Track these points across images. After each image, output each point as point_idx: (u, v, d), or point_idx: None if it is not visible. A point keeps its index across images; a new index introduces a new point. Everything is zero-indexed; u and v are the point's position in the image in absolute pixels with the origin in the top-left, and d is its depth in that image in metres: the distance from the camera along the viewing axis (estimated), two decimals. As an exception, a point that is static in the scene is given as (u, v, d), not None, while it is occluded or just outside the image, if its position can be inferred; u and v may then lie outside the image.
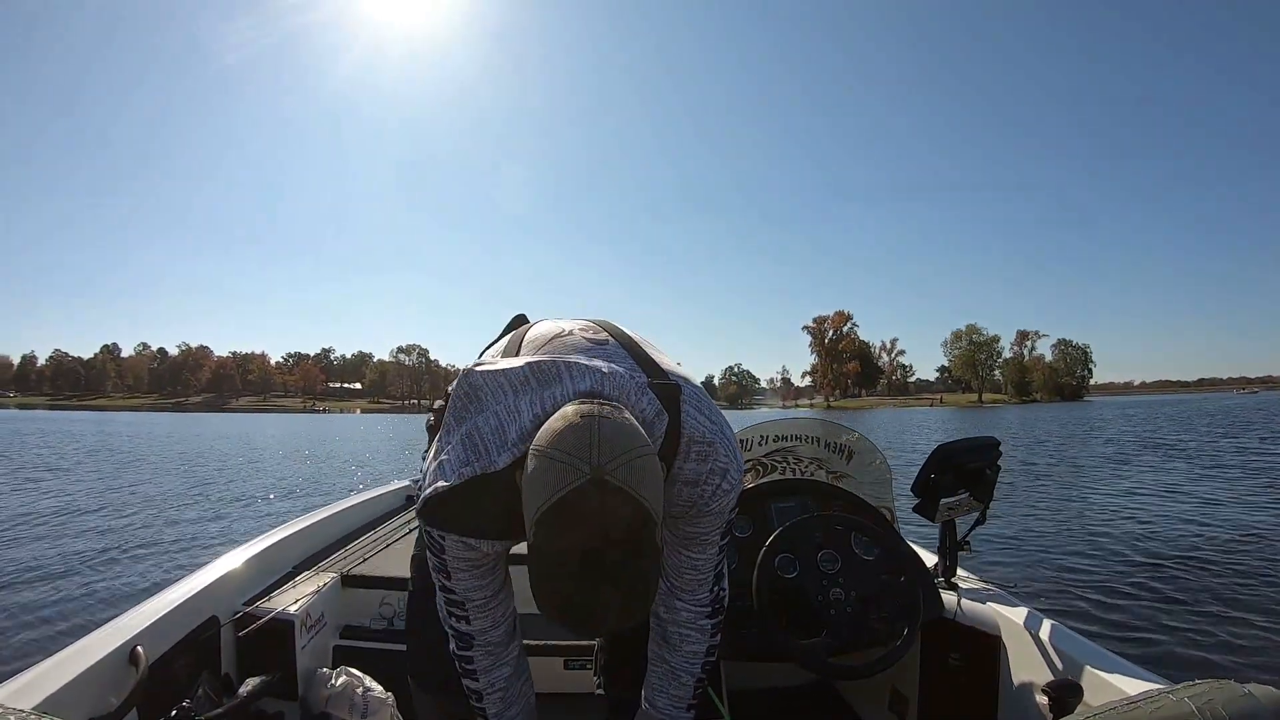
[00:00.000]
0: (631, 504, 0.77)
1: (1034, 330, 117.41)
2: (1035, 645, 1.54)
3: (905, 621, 1.58)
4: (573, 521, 0.77)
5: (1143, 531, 6.72)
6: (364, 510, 2.97)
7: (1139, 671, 1.34)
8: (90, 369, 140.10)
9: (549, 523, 0.78)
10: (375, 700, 1.77)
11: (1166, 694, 0.77)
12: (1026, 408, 74.79)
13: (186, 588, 1.74)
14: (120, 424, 43.40)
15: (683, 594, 1.15)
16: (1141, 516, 7.50)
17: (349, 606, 2.13)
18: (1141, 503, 8.48)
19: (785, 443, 2.10)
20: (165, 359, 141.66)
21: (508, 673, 1.17)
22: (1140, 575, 5.14)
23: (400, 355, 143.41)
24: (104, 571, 5.65)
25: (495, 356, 1.12)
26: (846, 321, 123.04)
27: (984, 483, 1.83)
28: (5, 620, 4.28)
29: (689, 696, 1.20)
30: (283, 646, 1.81)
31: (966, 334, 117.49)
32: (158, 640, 1.52)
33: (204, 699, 1.56)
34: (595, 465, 0.78)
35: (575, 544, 0.77)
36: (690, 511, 1.07)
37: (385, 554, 2.34)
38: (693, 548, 1.11)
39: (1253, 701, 0.73)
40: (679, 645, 1.18)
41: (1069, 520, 7.44)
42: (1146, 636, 3.93)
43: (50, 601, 4.70)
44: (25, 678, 1.25)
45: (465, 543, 1.02)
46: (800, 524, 1.70)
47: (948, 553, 1.87)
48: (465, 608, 1.10)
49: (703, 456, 1.02)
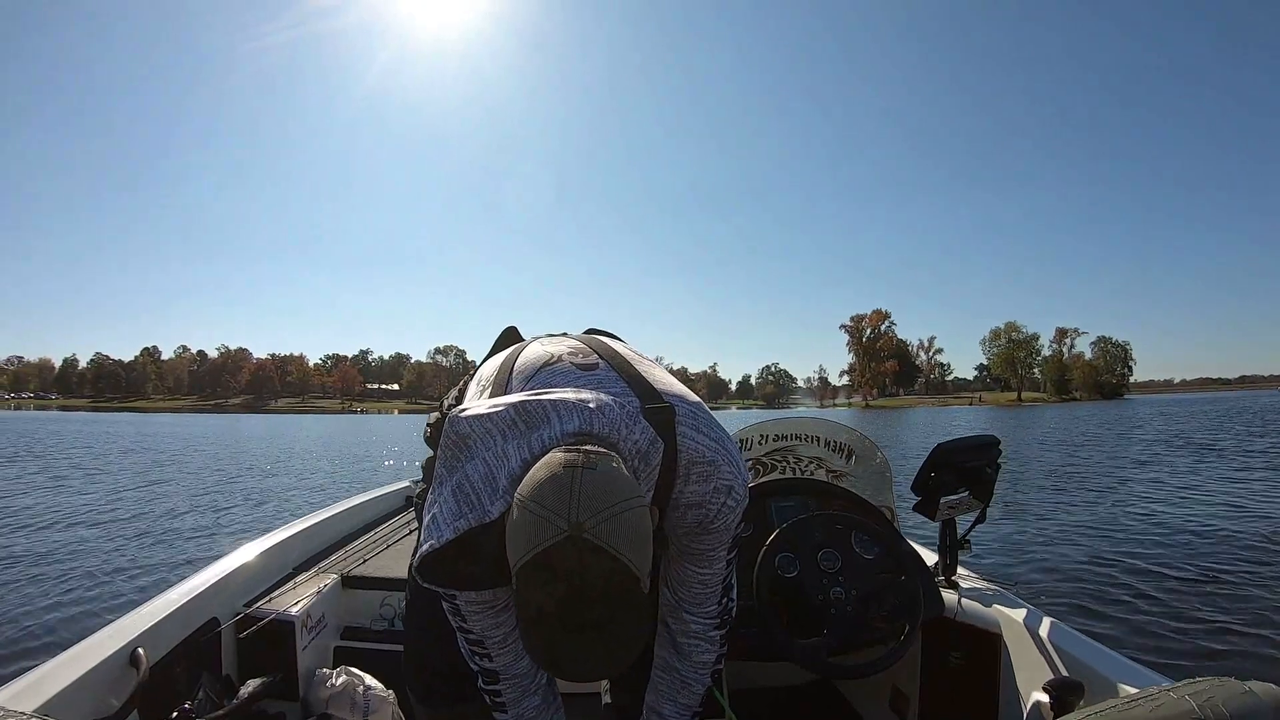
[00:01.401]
0: (610, 562, 0.75)
1: (1073, 327, 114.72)
2: (1036, 643, 1.54)
3: (906, 620, 1.58)
4: (550, 577, 0.75)
5: (1147, 530, 6.72)
6: (364, 511, 2.96)
7: (1139, 669, 1.35)
8: (131, 371, 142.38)
9: (527, 576, 0.77)
10: (377, 698, 1.77)
11: (1167, 691, 0.77)
12: (1065, 406, 73.49)
13: (187, 589, 1.74)
14: (160, 425, 43.96)
15: (691, 607, 1.14)
16: (1150, 516, 7.46)
17: (350, 607, 2.13)
18: (1153, 502, 8.40)
19: (785, 442, 2.10)
20: (205, 361, 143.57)
21: (537, 702, 1.15)
22: (1141, 573, 5.14)
23: (437, 356, 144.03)
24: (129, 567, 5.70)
25: (486, 383, 1.09)
26: (884, 320, 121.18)
27: (984, 481, 1.84)
28: (5, 622, 4.28)
29: (696, 705, 1.20)
30: (284, 647, 1.81)
31: (1005, 332, 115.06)
32: (159, 642, 1.52)
33: (205, 700, 1.57)
34: (574, 522, 0.75)
35: (552, 598, 0.75)
36: (696, 529, 1.05)
37: (386, 555, 2.34)
38: (699, 563, 1.09)
39: (1253, 699, 0.73)
40: (690, 655, 1.17)
41: (1076, 519, 7.43)
42: (1147, 634, 3.93)
43: (55, 603, 4.70)
44: (26, 680, 1.25)
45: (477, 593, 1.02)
46: (800, 523, 1.70)
47: (948, 551, 1.87)
48: (485, 645, 1.09)
49: (705, 477, 1.00)
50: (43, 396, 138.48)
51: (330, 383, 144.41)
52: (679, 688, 1.18)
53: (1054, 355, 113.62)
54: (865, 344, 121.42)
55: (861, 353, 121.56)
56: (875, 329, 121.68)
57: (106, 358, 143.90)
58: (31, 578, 5.37)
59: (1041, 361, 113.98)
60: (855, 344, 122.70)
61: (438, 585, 0.98)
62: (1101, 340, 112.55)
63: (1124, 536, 6.47)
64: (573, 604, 0.75)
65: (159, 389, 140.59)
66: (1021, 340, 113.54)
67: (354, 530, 2.73)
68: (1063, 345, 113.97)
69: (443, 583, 0.98)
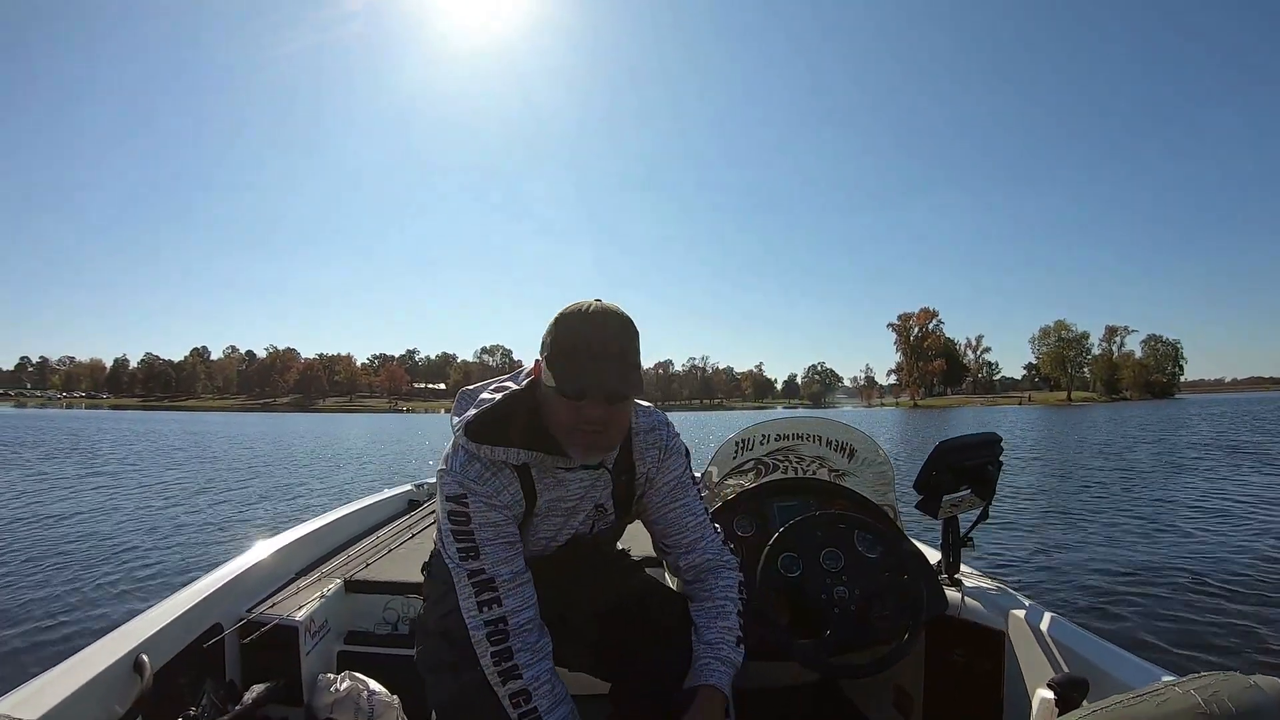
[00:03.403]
0: (621, 315, 1.12)
1: (1123, 326, 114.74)
2: (1040, 641, 1.54)
3: (909, 619, 1.58)
4: (583, 318, 1.10)
5: (1155, 528, 6.71)
6: (367, 515, 2.96)
7: (1144, 665, 1.34)
8: (180, 371, 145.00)
9: (566, 322, 1.11)
10: (381, 703, 1.77)
11: (1172, 686, 0.77)
12: (1115, 406, 72.57)
13: (189, 595, 1.73)
14: (211, 423, 44.71)
15: (693, 544, 1.34)
16: (1164, 516, 7.39)
17: (353, 612, 2.12)
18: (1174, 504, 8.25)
19: (787, 441, 2.10)
20: (253, 361, 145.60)
21: (549, 666, 1.20)
22: (1146, 569, 5.15)
23: (484, 355, 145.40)
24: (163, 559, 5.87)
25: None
26: (932, 318, 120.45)
27: (986, 479, 1.83)
28: (8, 627, 4.27)
29: (736, 629, 1.30)
30: (287, 653, 1.81)
31: (1055, 330, 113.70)
32: (162, 648, 1.52)
33: (209, 707, 1.56)
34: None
35: (582, 331, 1.09)
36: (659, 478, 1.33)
37: (389, 559, 2.34)
38: (676, 498, 1.35)
39: (1258, 693, 0.73)
40: (712, 586, 1.33)
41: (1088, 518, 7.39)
42: (1151, 630, 3.93)
43: (64, 606, 4.70)
44: (29, 688, 1.25)
45: (489, 504, 1.15)
46: (803, 522, 1.70)
47: (951, 549, 1.87)
48: (495, 585, 1.15)
49: (650, 443, 1.31)
50: (94, 396, 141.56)
51: (377, 382, 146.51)
52: (714, 616, 1.30)
53: (1103, 354, 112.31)
54: (912, 343, 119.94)
55: (909, 351, 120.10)
56: (923, 327, 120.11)
57: (156, 358, 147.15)
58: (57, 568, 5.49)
59: (1091, 360, 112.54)
60: (902, 343, 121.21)
61: (475, 441, 1.16)
62: (1151, 339, 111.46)
63: (1135, 533, 6.47)
64: (598, 336, 1.08)
65: (208, 388, 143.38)
66: (1071, 338, 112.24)
67: (357, 534, 2.72)
68: (1112, 344, 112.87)
69: (480, 437, 1.15)
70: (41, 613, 4.59)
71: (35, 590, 5.13)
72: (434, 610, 1.32)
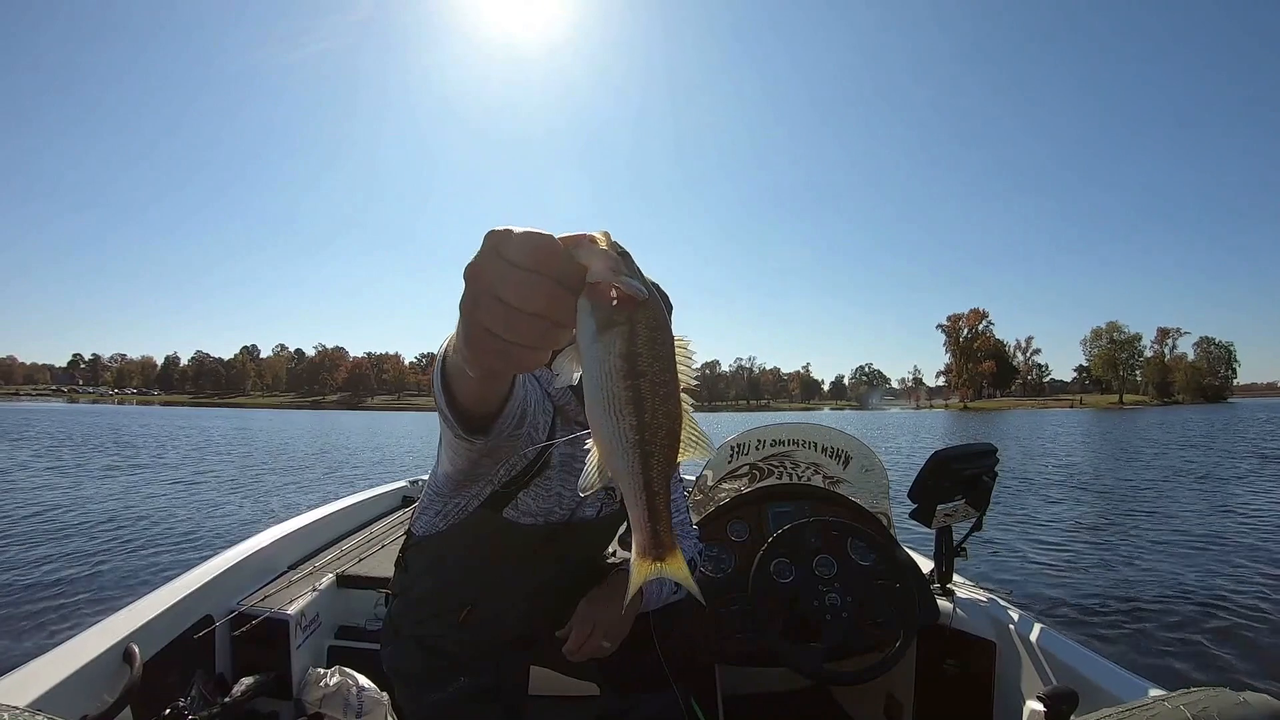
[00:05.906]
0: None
1: (1175, 328, 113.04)
2: (1030, 652, 1.54)
3: (901, 627, 1.58)
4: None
5: (1151, 542, 6.69)
6: (360, 510, 2.96)
7: (1135, 679, 1.35)
8: (230, 369, 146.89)
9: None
10: (370, 699, 1.77)
11: (1162, 701, 0.77)
12: (1167, 410, 71.19)
13: (181, 586, 1.73)
14: (261, 420, 45.42)
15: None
16: (1164, 529, 7.33)
17: (345, 607, 2.12)
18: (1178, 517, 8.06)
19: (782, 447, 2.10)
20: (302, 359, 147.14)
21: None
22: (1138, 584, 5.15)
23: None
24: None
25: None
26: (982, 319, 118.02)
27: (980, 489, 1.84)
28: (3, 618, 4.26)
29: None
30: (278, 646, 1.80)
31: (1107, 332, 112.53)
32: (152, 639, 1.52)
33: (198, 698, 1.56)
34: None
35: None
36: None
37: (381, 554, 2.33)
38: None
39: (1248, 709, 0.73)
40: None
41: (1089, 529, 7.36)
42: (1142, 644, 3.93)
43: (59, 604, 4.69)
44: (19, 674, 1.25)
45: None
46: (797, 528, 1.70)
47: (944, 559, 1.87)
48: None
49: None
50: (145, 393, 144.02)
51: (425, 381, 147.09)
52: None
53: (1155, 356, 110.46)
54: (962, 344, 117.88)
55: (958, 353, 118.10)
56: (973, 329, 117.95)
57: (207, 355, 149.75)
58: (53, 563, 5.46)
59: (1143, 363, 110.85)
60: (952, 344, 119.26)
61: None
62: (1204, 341, 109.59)
63: (1130, 546, 6.46)
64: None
65: (258, 386, 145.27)
66: (1123, 340, 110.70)
67: (350, 529, 2.72)
68: (1164, 346, 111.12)
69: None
70: (33, 600, 4.59)
71: (26, 576, 5.13)
72: (410, 613, 1.32)
